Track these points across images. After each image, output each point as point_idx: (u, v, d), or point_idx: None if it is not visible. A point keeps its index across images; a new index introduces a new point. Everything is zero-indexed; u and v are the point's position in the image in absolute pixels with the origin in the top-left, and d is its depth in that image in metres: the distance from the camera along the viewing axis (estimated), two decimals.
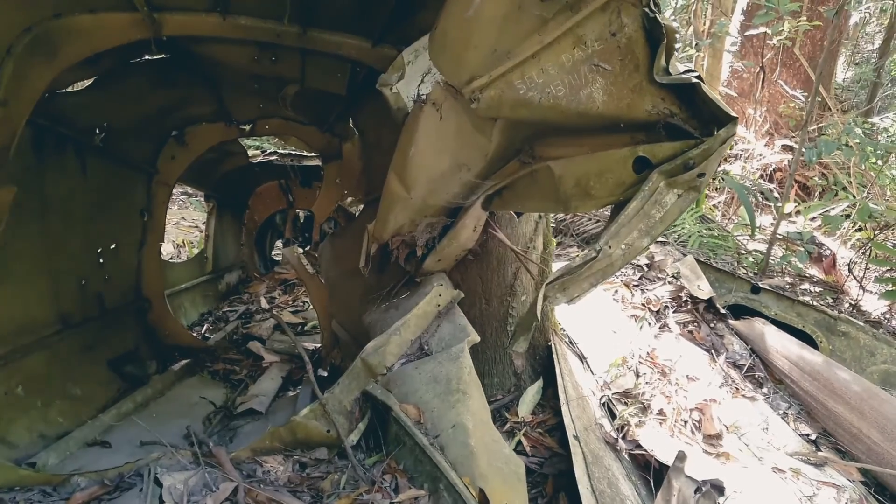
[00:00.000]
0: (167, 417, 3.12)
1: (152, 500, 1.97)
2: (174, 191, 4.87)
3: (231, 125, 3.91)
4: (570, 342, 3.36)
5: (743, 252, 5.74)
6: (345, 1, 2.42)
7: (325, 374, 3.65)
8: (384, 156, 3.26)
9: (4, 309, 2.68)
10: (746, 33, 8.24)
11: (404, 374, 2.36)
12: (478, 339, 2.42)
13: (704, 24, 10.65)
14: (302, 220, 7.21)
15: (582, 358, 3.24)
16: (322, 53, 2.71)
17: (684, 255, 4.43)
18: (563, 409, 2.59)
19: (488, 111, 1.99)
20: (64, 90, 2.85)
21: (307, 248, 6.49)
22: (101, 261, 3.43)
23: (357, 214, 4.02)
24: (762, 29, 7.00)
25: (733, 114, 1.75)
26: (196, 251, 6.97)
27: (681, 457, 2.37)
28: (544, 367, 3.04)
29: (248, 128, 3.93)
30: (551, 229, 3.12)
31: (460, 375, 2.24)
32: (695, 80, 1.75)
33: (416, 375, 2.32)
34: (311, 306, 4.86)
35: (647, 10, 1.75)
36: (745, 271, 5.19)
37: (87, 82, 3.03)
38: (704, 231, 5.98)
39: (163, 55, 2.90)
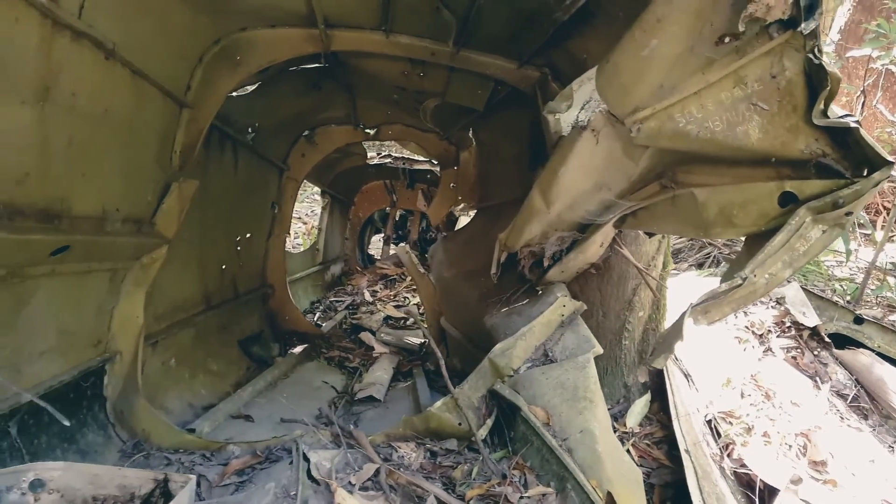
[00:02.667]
0: (295, 398, 3.37)
1: (302, 473, 2.14)
2: None
3: (358, 128, 4.16)
4: (676, 359, 3.44)
5: (832, 279, 5.63)
6: (502, 25, 2.59)
7: (432, 368, 3.83)
8: (501, 167, 3.43)
9: (167, 289, 2.99)
10: (847, 55, 7.96)
11: (531, 377, 2.51)
12: (601, 350, 2.56)
13: None
14: (398, 219, 7.46)
15: (687, 376, 3.31)
16: (468, 71, 2.90)
17: (788, 281, 4.40)
18: (675, 423, 2.69)
19: (646, 140, 2.12)
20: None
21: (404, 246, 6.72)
22: (238, 248, 3.73)
23: (461, 220, 4.17)
24: (865, 51, 6.76)
25: (890, 158, 1.82)
26: (299, 241, 7.34)
27: (795, 480, 2.43)
28: (652, 381, 3.14)
29: (372, 132, 4.17)
30: (671, 249, 3.22)
31: (587, 384, 2.38)
32: (853, 125, 1.83)
33: (544, 380, 2.47)
34: (416, 302, 5.06)
35: (810, 55, 1.84)
36: (837, 300, 5.08)
37: None
38: None
39: (319, 64, 3.15)
